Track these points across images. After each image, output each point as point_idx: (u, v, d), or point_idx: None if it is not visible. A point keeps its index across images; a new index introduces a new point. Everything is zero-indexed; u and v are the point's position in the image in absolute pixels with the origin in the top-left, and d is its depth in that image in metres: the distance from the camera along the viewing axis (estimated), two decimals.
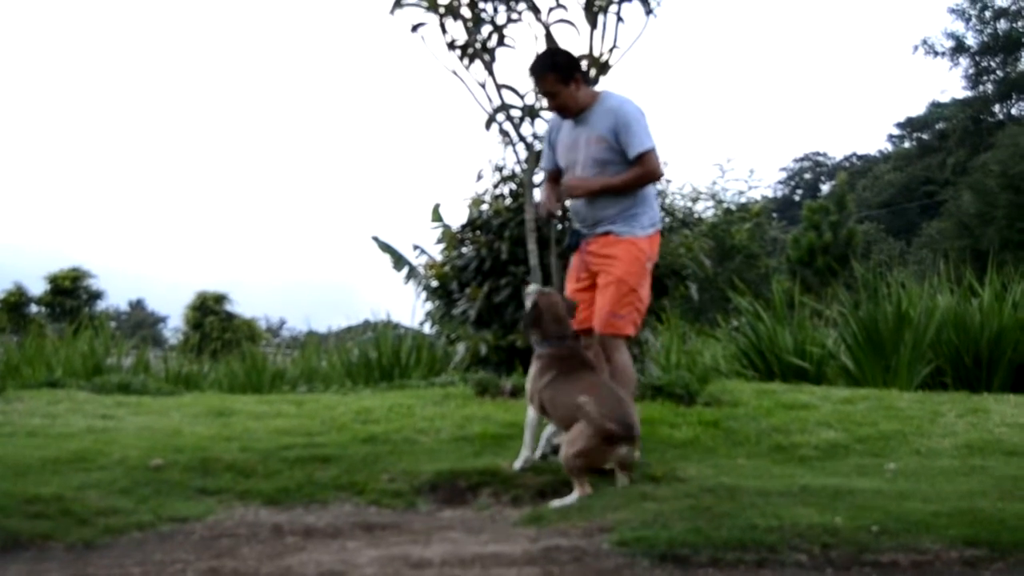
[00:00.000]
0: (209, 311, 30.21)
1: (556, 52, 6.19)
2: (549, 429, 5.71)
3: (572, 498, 5.00)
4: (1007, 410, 7.41)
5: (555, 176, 6.23)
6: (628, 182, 5.80)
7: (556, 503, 4.97)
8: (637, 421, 5.23)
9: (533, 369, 5.63)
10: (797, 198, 61.00)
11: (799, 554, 3.94)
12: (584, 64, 7.65)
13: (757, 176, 39.32)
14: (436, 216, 11.21)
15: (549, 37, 7.60)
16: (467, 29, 7.59)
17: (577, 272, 6.09)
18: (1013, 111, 51.04)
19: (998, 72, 50.18)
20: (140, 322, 57.37)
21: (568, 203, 6.28)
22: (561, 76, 5.84)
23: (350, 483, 5.22)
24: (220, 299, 30.59)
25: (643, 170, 5.78)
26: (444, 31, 7.62)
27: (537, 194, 7.20)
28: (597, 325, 5.85)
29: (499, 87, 7.74)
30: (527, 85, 7.92)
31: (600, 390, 5.30)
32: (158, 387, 9.81)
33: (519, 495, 5.16)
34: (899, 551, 3.98)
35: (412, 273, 12.48)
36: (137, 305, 67.14)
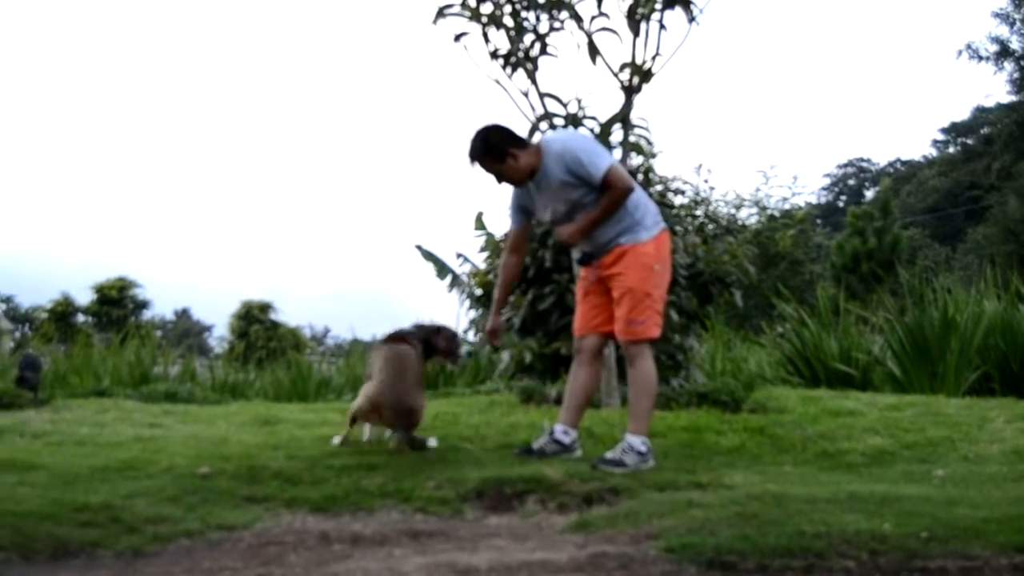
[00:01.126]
0: (254, 320, 30.45)
1: (485, 134, 5.96)
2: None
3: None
4: None
5: (521, 237, 6.32)
6: (608, 208, 5.81)
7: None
8: (413, 403, 6.17)
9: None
10: (841, 204, 60.54)
11: (847, 561, 3.91)
12: (626, 72, 7.67)
13: (801, 182, 39.42)
14: (479, 224, 11.24)
15: (591, 45, 7.62)
16: (510, 38, 7.63)
17: (589, 283, 6.12)
18: None
19: None
20: (186, 331, 57.88)
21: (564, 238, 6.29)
22: (495, 157, 5.85)
23: (396, 490, 5.22)
24: (265, 308, 30.82)
25: (614, 190, 5.77)
26: (487, 40, 7.67)
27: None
28: (620, 335, 5.92)
29: (542, 96, 7.78)
30: (570, 93, 7.96)
31: (392, 367, 6.16)
32: (204, 396, 9.89)
33: (565, 502, 5.14)
34: (948, 557, 3.94)
35: (456, 281, 12.54)
36: (183, 314, 67.73)
